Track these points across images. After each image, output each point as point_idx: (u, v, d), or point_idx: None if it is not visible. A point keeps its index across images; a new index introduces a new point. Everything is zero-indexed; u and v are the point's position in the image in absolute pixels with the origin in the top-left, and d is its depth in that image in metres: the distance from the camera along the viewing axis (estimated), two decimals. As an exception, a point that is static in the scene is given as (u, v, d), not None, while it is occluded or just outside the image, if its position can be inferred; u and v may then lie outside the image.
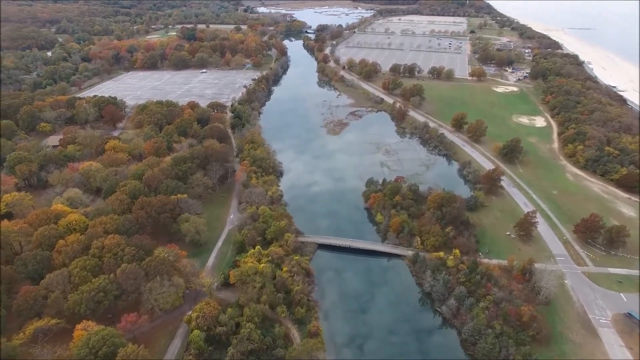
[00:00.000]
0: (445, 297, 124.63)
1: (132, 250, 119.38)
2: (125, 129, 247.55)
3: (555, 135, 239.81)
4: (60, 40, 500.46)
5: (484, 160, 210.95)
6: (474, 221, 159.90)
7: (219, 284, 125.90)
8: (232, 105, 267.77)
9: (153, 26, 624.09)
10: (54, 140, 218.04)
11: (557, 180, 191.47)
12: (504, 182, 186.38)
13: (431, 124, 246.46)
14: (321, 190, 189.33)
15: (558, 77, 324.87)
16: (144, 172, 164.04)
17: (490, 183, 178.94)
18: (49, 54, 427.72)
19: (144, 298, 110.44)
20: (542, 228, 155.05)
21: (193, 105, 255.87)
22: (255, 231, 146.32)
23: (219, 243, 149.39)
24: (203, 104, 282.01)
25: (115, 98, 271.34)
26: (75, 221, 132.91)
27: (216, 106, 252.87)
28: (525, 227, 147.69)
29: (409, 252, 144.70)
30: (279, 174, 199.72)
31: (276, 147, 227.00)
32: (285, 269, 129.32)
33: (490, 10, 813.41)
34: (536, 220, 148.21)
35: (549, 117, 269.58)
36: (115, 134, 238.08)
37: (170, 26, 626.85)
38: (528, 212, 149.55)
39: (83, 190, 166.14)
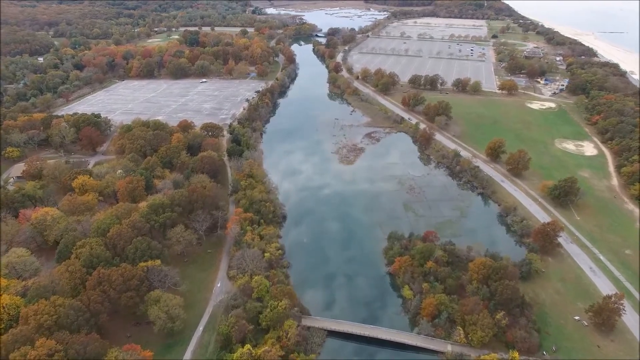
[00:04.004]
0: None
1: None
2: (107, 153, 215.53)
3: (611, 169, 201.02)
4: (56, 44, 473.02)
5: (530, 202, 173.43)
6: (530, 296, 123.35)
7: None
8: (230, 126, 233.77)
9: (156, 29, 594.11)
10: (19, 169, 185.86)
11: (627, 234, 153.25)
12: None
13: (462, 152, 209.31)
14: (330, 244, 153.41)
15: (602, 91, 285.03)
16: (109, 226, 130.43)
17: (545, 240, 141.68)
18: (41, 60, 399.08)
19: None
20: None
21: (185, 126, 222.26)
22: (247, 315, 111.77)
23: (200, 328, 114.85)
24: (199, 120, 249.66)
25: (98, 116, 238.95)
26: (4, 308, 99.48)
27: (211, 128, 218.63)
28: (606, 316, 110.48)
29: (449, 348, 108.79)
30: (281, 218, 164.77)
31: (278, 180, 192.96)
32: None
33: (511, 13, 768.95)
34: (623, 307, 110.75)
35: (598, 142, 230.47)
36: (94, 160, 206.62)
37: (173, 29, 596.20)
38: (610, 296, 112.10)
39: (35, 247, 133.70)
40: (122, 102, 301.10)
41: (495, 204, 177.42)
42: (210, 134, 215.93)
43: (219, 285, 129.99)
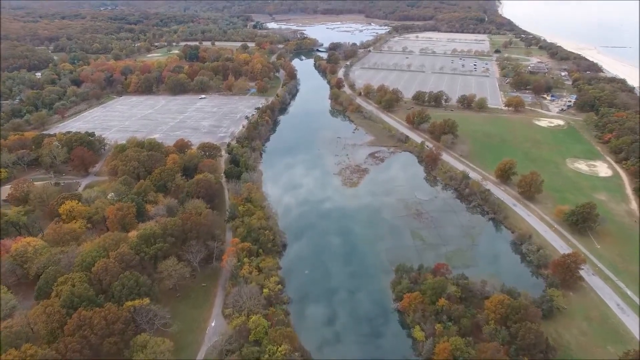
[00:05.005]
0: None
1: None
2: (100, 174, 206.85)
3: (629, 191, 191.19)
4: (55, 59, 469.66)
5: (545, 229, 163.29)
6: (553, 337, 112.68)
7: None
8: (228, 145, 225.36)
9: (156, 43, 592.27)
10: (4, 192, 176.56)
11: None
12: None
13: (470, 173, 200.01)
14: (333, 272, 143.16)
15: (613, 108, 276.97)
16: (95, 259, 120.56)
17: (566, 273, 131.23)
18: (38, 75, 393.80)
19: None
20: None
21: (182, 145, 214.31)
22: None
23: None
24: (197, 138, 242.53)
25: (92, 134, 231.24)
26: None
27: (209, 148, 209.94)
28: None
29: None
30: (281, 247, 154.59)
31: (277, 201, 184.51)
32: None
33: (512, 27, 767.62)
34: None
35: (612, 162, 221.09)
36: (86, 181, 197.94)
37: (174, 43, 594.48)
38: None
39: (14, 281, 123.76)
40: (119, 119, 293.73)
41: (508, 230, 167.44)
42: (207, 154, 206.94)
43: (213, 324, 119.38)
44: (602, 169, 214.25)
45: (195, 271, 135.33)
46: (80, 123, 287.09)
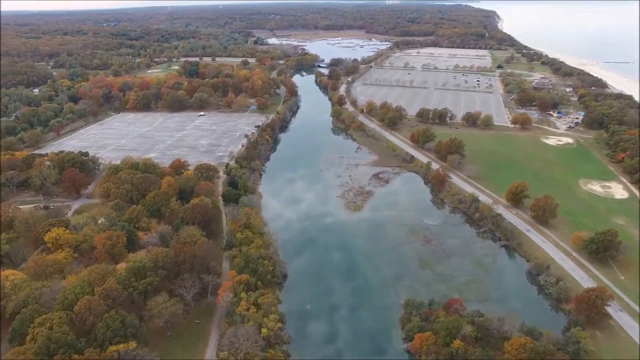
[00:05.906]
0: None
1: None
2: (93, 196, 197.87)
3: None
4: (54, 75, 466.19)
5: (562, 257, 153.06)
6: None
7: None
8: (227, 166, 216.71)
9: (156, 59, 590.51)
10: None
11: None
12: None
13: (480, 196, 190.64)
14: (337, 307, 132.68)
15: (623, 126, 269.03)
16: (79, 295, 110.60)
17: (591, 310, 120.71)
18: (36, 91, 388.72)
19: None
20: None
21: (178, 166, 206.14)
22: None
23: None
24: (195, 158, 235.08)
25: (86, 154, 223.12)
26: None
27: (206, 170, 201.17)
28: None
29: None
30: (281, 278, 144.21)
31: (276, 222, 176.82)
32: None
33: (513, 42, 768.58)
34: None
35: (627, 182, 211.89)
36: (78, 204, 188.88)
37: (174, 59, 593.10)
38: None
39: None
40: (116, 137, 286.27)
41: (523, 258, 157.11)
42: (204, 176, 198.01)
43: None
44: (618, 191, 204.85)
45: (189, 306, 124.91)
46: (75, 141, 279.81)
